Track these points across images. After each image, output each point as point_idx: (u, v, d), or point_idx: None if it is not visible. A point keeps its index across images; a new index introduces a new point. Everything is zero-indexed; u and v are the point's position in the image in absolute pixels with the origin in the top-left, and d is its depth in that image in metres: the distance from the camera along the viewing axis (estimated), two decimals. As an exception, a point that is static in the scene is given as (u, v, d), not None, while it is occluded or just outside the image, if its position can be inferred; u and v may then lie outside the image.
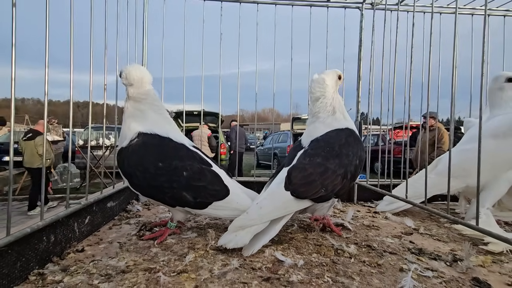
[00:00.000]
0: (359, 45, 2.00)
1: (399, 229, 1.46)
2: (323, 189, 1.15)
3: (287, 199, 1.13)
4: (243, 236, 1.07)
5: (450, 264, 1.06)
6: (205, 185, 1.18)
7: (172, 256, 1.07)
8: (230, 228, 1.10)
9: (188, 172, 1.18)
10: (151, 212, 1.71)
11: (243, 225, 1.08)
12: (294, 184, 1.14)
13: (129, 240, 1.24)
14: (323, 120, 1.33)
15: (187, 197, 1.17)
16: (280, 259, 1.04)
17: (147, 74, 1.30)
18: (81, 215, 1.23)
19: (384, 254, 1.12)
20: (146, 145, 1.20)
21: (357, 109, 2.01)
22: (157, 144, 1.22)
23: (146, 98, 1.27)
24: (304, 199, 1.15)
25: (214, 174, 1.22)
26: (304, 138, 1.37)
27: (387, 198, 1.78)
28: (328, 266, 1.01)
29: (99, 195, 1.36)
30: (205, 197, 1.18)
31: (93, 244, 1.20)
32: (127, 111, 1.27)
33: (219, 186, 1.20)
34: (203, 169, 1.22)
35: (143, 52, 2.07)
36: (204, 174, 1.20)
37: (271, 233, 1.12)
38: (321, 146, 1.25)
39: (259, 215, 1.09)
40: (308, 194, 1.14)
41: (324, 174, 1.16)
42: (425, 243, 1.28)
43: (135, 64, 1.33)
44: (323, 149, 1.23)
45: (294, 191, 1.13)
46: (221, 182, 1.21)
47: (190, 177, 1.17)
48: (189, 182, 1.17)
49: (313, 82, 1.35)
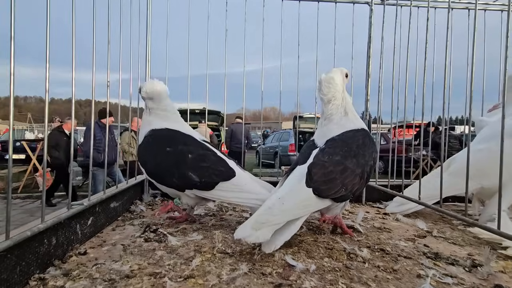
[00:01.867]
0: (368, 41, 1.95)
1: (411, 232, 1.41)
2: (343, 188, 1.12)
3: (309, 197, 1.08)
4: (264, 231, 0.99)
5: (469, 269, 1.01)
6: (209, 165, 1.28)
7: (178, 260, 1.03)
8: (252, 224, 1.01)
9: (193, 154, 1.30)
10: (155, 213, 1.67)
11: (267, 221, 1.00)
12: (316, 181, 1.10)
13: (133, 242, 1.20)
14: (337, 121, 1.31)
15: (193, 177, 1.27)
16: (291, 263, 0.99)
17: (165, 89, 1.46)
18: (84, 216, 1.19)
19: (399, 259, 1.07)
20: (156, 136, 1.39)
21: (366, 107, 1.95)
22: (165, 134, 1.39)
23: (164, 110, 1.44)
24: (325, 199, 1.11)
25: (219, 158, 1.33)
26: (318, 138, 1.34)
27: (398, 199, 1.73)
28: (342, 271, 0.96)
29: (102, 195, 1.32)
30: (209, 176, 1.26)
31: (96, 246, 1.16)
32: (145, 120, 1.45)
33: (223, 167, 1.29)
34: (207, 153, 1.33)
35: (146, 50, 2.02)
36: (209, 157, 1.31)
37: (292, 229, 1.05)
38: (339, 145, 1.22)
39: (282, 211, 1.03)
40: (329, 192, 1.10)
41: (344, 173, 1.14)
42: (440, 246, 1.23)
43: (154, 80, 1.48)
44: (341, 148, 1.21)
45: (316, 189, 1.08)
46: (226, 165, 1.30)
47: (195, 159, 1.29)
48: (194, 163, 1.29)
49: (322, 83, 1.32)
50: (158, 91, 1.43)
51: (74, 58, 1.08)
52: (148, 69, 2.04)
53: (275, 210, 1.03)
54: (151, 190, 1.96)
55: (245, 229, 1.01)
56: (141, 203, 1.83)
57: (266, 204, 1.07)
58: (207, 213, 1.65)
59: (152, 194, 1.97)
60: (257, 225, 1.00)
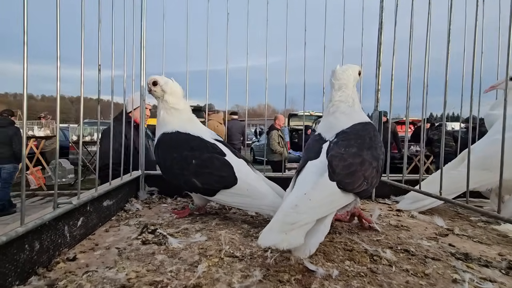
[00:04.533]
0: (379, 28, 1.83)
1: (431, 230, 1.31)
2: (365, 182, 1.05)
3: (333, 191, 0.99)
4: (295, 233, 0.84)
5: (506, 272, 0.91)
6: (212, 172, 1.28)
7: (182, 265, 0.91)
8: (279, 227, 0.86)
9: (196, 160, 1.31)
10: (152, 212, 1.54)
11: (296, 222, 0.86)
12: (339, 174, 1.00)
13: (129, 245, 1.07)
14: (344, 111, 1.26)
15: (196, 183, 1.30)
16: (310, 268, 0.88)
17: (177, 88, 1.48)
18: (73, 216, 1.05)
19: (427, 261, 0.97)
20: (165, 141, 1.42)
21: (376, 98, 1.84)
22: (174, 138, 1.40)
23: (178, 109, 1.45)
24: (349, 193, 1.02)
25: (224, 163, 1.31)
26: (325, 131, 1.26)
27: (411, 195, 1.63)
28: (368, 276, 0.85)
29: (93, 193, 1.18)
30: (211, 184, 1.28)
31: (87, 250, 1.03)
32: (159, 120, 1.47)
33: (226, 173, 1.27)
34: (212, 157, 1.32)
35: (141, 45, 1.84)
36: (212, 162, 1.31)
37: (322, 229, 0.92)
38: (352, 137, 1.16)
39: (310, 208, 0.90)
40: (354, 186, 1.02)
41: (363, 165, 1.07)
42: (467, 246, 1.13)
43: (169, 80, 1.47)
44: (355, 141, 1.14)
45: (341, 182, 1.00)
46: (229, 170, 1.28)
47: (198, 165, 1.30)
48: (197, 169, 1.30)
49: (337, 71, 1.30)
50: (174, 88, 1.46)
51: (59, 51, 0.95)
52: (143, 64, 1.86)
53: (302, 207, 0.90)
54: (147, 187, 1.83)
55: (271, 234, 0.85)
56: (137, 201, 1.69)
57: (290, 202, 0.94)
58: (209, 211, 1.52)
59: (149, 191, 1.83)
60: (286, 227, 0.85)
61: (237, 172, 1.28)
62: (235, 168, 1.29)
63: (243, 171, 1.31)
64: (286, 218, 0.88)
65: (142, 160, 1.83)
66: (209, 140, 1.39)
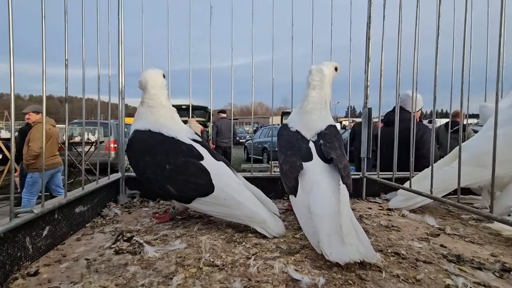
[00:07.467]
0: (368, 22, 1.77)
1: (422, 230, 1.27)
2: (351, 184, 1.19)
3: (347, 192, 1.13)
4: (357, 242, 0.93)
5: (500, 275, 0.87)
6: (187, 179, 1.19)
7: (155, 278, 0.83)
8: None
9: (171, 165, 1.20)
10: (132, 217, 1.45)
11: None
12: (346, 177, 1.15)
13: (101, 255, 0.99)
14: (319, 112, 1.35)
15: (171, 189, 1.21)
16: (295, 277, 0.81)
17: (151, 79, 1.33)
18: (36, 226, 0.96)
19: (418, 264, 0.92)
20: (137, 141, 1.30)
21: (366, 94, 1.79)
22: (146, 139, 1.29)
23: (149, 102, 1.33)
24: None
25: (200, 169, 1.20)
26: (302, 127, 1.34)
27: (402, 193, 1.59)
28: (357, 285, 0.79)
29: (61, 199, 1.08)
30: (186, 191, 1.19)
31: (53, 263, 0.94)
32: (136, 113, 1.36)
33: (203, 180, 1.18)
34: (187, 162, 1.21)
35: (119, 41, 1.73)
36: (188, 168, 1.21)
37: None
38: (333, 140, 1.28)
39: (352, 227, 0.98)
40: (351, 187, 1.16)
41: (347, 169, 1.18)
42: (459, 246, 1.09)
43: (150, 70, 1.37)
44: (337, 143, 1.28)
45: (348, 185, 1.14)
46: (206, 177, 1.18)
47: (173, 170, 1.20)
48: (171, 175, 1.20)
49: (312, 72, 1.38)
50: (144, 81, 1.33)
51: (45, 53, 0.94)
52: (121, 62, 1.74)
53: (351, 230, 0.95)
54: (128, 190, 1.73)
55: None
56: (116, 205, 1.60)
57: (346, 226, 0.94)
58: (192, 215, 1.44)
59: (129, 194, 1.74)
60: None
61: (214, 179, 1.18)
62: (212, 174, 1.19)
63: (222, 177, 1.21)
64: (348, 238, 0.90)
65: (122, 162, 1.73)
66: (185, 141, 1.28)
